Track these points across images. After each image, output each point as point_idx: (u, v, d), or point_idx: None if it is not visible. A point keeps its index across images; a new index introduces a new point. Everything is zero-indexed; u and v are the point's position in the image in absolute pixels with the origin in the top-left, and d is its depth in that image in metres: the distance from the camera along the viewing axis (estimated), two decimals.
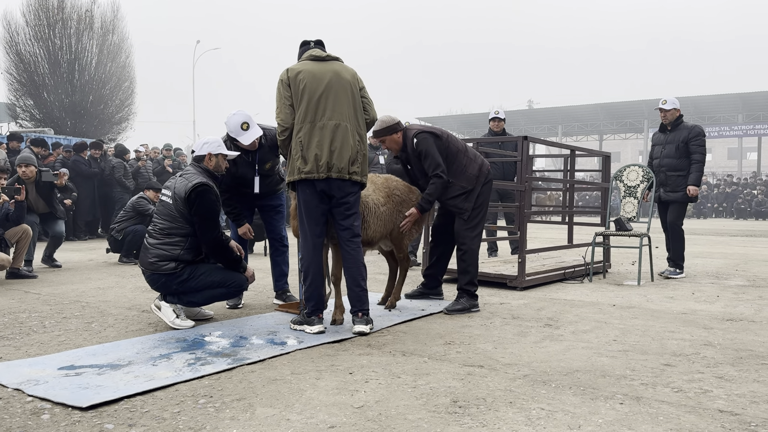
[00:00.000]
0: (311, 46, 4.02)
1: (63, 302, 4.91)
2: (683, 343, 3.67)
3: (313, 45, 4.03)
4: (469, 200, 4.59)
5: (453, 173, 4.57)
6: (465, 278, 4.62)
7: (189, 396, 2.66)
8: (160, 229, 4.01)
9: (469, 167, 4.62)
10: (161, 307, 4.03)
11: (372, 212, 4.29)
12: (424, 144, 4.51)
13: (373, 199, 4.33)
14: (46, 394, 2.64)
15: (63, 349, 3.45)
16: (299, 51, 4.04)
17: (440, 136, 4.62)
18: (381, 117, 4.54)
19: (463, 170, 4.60)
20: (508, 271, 6.03)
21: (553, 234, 13.60)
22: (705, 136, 6.59)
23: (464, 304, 4.56)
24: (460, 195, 4.57)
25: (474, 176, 4.60)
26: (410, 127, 4.70)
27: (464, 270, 4.63)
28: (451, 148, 4.61)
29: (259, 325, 4.08)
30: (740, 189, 28.76)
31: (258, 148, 4.56)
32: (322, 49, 4.01)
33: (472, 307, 4.59)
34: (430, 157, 4.49)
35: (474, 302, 4.62)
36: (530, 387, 2.81)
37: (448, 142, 4.63)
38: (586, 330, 4.00)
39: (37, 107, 26.09)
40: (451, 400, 2.62)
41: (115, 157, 12.14)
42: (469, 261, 4.62)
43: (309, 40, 4.04)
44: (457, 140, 4.73)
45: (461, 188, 4.57)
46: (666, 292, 5.64)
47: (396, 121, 4.58)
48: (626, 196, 6.61)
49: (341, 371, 3.03)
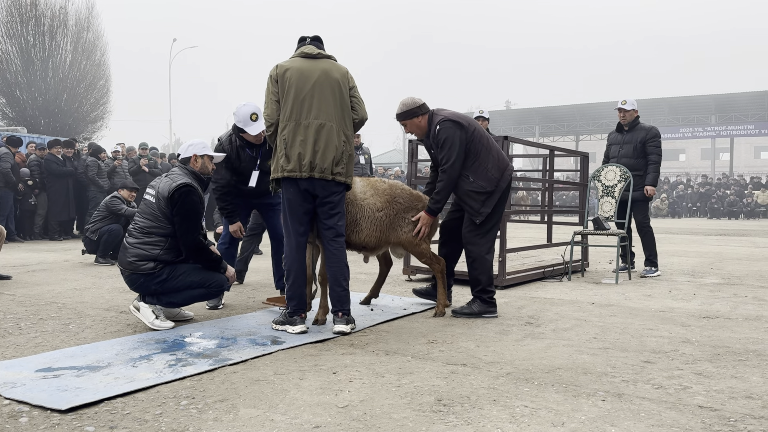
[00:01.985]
0: (307, 42, 3.97)
1: (39, 303, 4.82)
2: (662, 340, 3.73)
3: (309, 41, 3.97)
4: (487, 204, 4.29)
5: (474, 170, 4.29)
6: (477, 287, 4.36)
7: (171, 397, 2.63)
8: (140, 227, 3.96)
9: (492, 168, 4.31)
10: (140, 308, 3.98)
11: (367, 216, 4.22)
12: (446, 133, 4.22)
13: (370, 203, 4.26)
14: (23, 397, 2.58)
15: (40, 351, 3.38)
16: (296, 47, 4.00)
17: (466, 127, 4.30)
18: (403, 99, 4.37)
19: (485, 170, 4.29)
20: None
21: (531, 233, 13.71)
22: (661, 137, 6.79)
23: (474, 309, 4.34)
24: (477, 195, 4.29)
25: (495, 179, 4.31)
26: (438, 112, 4.37)
27: (475, 279, 4.36)
28: (475, 143, 4.30)
29: (240, 325, 4.04)
30: (713, 189, 29.28)
31: (263, 144, 4.56)
32: (316, 46, 3.94)
33: (484, 312, 4.34)
34: (447, 148, 4.21)
35: (488, 308, 4.36)
36: (513, 385, 2.82)
37: (474, 136, 4.31)
38: (566, 328, 4.04)
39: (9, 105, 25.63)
40: (435, 398, 2.63)
41: (89, 156, 11.95)
42: (480, 269, 4.34)
43: (306, 36, 4.00)
44: (484, 137, 4.39)
45: (480, 188, 4.28)
46: (643, 290, 5.71)
47: (419, 104, 4.33)
48: (604, 195, 6.68)
49: (325, 371, 3.02)
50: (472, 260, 4.39)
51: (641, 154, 6.72)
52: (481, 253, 4.34)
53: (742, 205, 27.12)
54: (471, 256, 4.39)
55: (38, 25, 25.58)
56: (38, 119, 25.30)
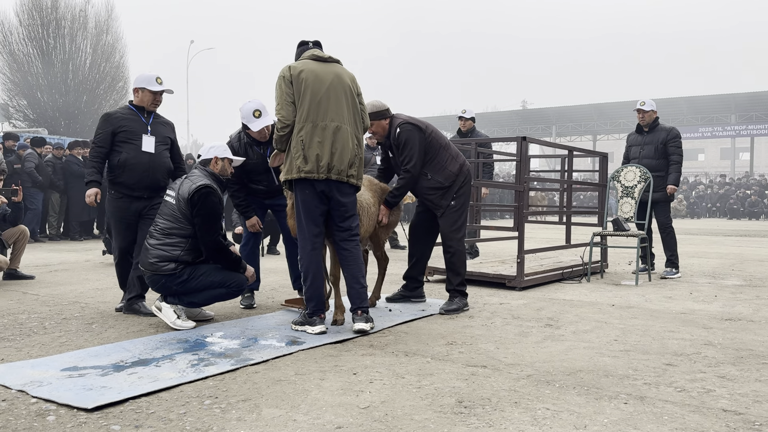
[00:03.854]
0: (310, 46, 4.03)
1: (62, 303, 4.89)
2: (684, 342, 3.69)
3: (312, 45, 4.04)
4: (446, 198, 4.58)
5: (432, 168, 4.57)
6: (457, 279, 4.64)
7: (194, 397, 2.66)
8: (161, 229, 4.01)
9: (450, 164, 4.61)
10: (162, 308, 4.03)
11: (365, 211, 4.34)
12: (406, 135, 4.49)
13: (366, 198, 4.39)
14: (50, 396, 2.62)
15: (65, 350, 3.43)
16: (297, 51, 4.05)
17: (424, 130, 4.59)
18: (372, 101, 4.54)
19: (443, 166, 4.59)
20: (507, 271, 6.05)
21: (548, 234, 13.64)
22: (681, 138, 6.75)
23: (458, 304, 4.61)
24: (437, 190, 4.57)
25: (453, 174, 4.59)
26: (397, 116, 4.65)
27: (456, 272, 4.65)
28: (433, 143, 4.60)
29: (260, 325, 4.07)
30: (733, 189, 28.91)
31: (270, 141, 4.58)
32: (321, 50, 4.02)
33: (464, 306, 4.65)
34: (408, 149, 4.49)
35: (465, 301, 4.68)
36: (534, 387, 2.82)
37: (432, 137, 4.60)
38: (586, 330, 4.02)
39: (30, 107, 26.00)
40: (456, 400, 2.63)
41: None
42: (458, 263, 4.64)
43: (307, 41, 4.05)
44: (440, 136, 4.70)
45: (439, 183, 4.56)
46: (664, 292, 5.67)
47: (386, 108, 4.57)
48: (623, 196, 6.64)
49: (345, 372, 3.03)
50: (451, 255, 4.65)
51: (662, 155, 6.68)
52: (459, 247, 4.64)
53: (763, 206, 26.74)
54: (450, 251, 4.65)
55: (58, 28, 25.94)
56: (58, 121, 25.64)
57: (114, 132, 4.41)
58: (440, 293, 5.35)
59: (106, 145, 4.40)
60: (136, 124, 4.49)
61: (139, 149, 4.44)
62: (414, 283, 5.00)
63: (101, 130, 4.43)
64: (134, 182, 4.44)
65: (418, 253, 4.98)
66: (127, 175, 4.42)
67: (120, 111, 4.54)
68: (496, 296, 5.33)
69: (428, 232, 4.92)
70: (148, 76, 4.56)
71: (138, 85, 4.53)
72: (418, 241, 4.98)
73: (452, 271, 4.66)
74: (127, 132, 4.43)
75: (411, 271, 5.00)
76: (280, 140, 3.87)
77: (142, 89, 4.51)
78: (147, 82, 4.51)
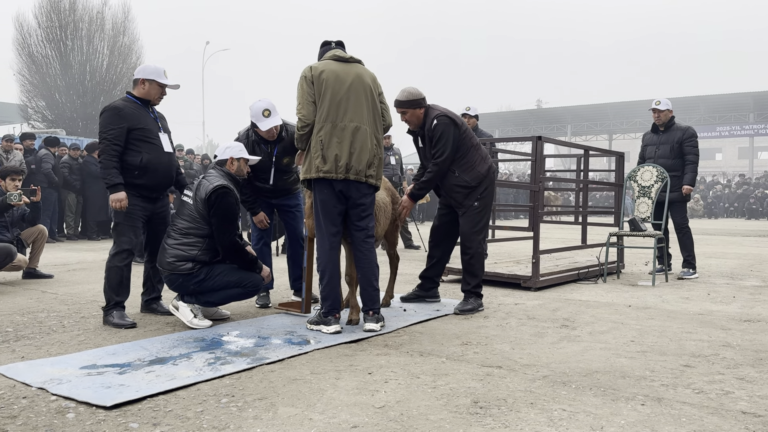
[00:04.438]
0: (332, 46, 4.05)
1: (80, 302, 4.94)
2: (701, 344, 3.66)
3: (335, 45, 4.06)
4: (470, 198, 4.56)
5: (461, 167, 4.55)
6: (474, 281, 4.62)
7: (211, 395, 2.68)
8: (179, 228, 4.05)
9: (479, 165, 4.59)
10: (179, 307, 4.06)
11: (382, 209, 4.38)
12: (442, 128, 4.45)
13: (381, 197, 4.42)
14: (69, 393, 2.66)
15: (83, 348, 3.48)
16: (320, 51, 4.07)
17: (460, 126, 4.56)
18: (407, 88, 4.49)
19: (472, 166, 4.57)
20: (522, 272, 6.02)
21: (564, 234, 13.56)
22: (697, 137, 6.67)
23: (473, 305, 4.59)
24: (463, 189, 4.55)
25: (481, 175, 4.57)
26: (434, 106, 4.59)
27: (473, 274, 4.62)
28: (465, 141, 4.57)
29: (275, 324, 4.09)
30: (752, 189, 28.54)
31: (278, 140, 4.60)
32: (343, 50, 4.03)
33: (479, 306, 4.63)
34: (442, 142, 4.45)
35: (480, 302, 4.66)
36: (550, 388, 2.80)
37: (465, 135, 4.58)
38: (603, 331, 3.99)
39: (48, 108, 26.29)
40: (471, 400, 2.63)
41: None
42: (477, 265, 4.62)
43: (330, 41, 4.07)
44: (472, 135, 4.68)
45: (465, 182, 4.54)
46: (681, 292, 5.61)
47: (422, 96, 4.50)
48: (640, 196, 6.59)
49: (360, 371, 3.04)
50: (470, 257, 4.62)
51: (678, 155, 6.63)
52: (479, 249, 4.63)
53: None
54: (469, 253, 4.62)
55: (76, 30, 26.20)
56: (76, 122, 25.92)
57: (130, 129, 4.14)
58: (455, 293, 5.34)
59: (122, 142, 4.11)
60: (149, 120, 4.27)
61: (160, 149, 4.26)
62: (430, 283, 4.99)
63: (114, 126, 4.10)
64: (155, 184, 4.28)
65: (439, 255, 4.97)
66: (149, 177, 4.22)
67: (128, 105, 4.22)
68: (511, 297, 5.31)
69: (450, 234, 4.90)
70: (157, 68, 4.32)
71: (146, 77, 4.28)
72: (440, 242, 4.95)
73: (470, 273, 4.64)
74: (145, 130, 4.20)
75: (428, 272, 4.99)
76: (300, 139, 3.91)
77: (150, 81, 4.27)
78: (156, 74, 4.29)
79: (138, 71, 4.36)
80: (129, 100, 4.27)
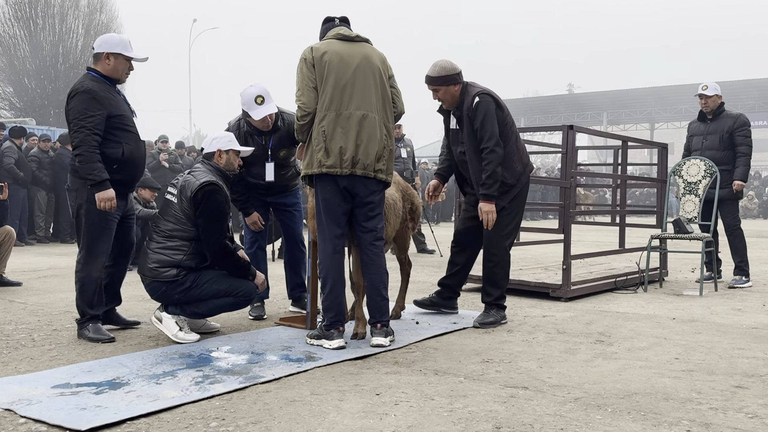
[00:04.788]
0: (336, 23, 4.02)
1: (52, 313, 4.98)
2: (756, 362, 3.64)
3: (339, 22, 4.02)
4: (503, 198, 4.49)
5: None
6: (496, 292, 4.59)
7: (198, 418, 2.70)
8: (162, 231, 4.06)
9: (517, 161, 4.52)
10: (162, 318, 4.08)
11: (391, 208, 4.37)
12: (486, 107, 4.33)
13: (391, 194, 4.40)
14: (40, 416, 2.68)
15: (56, 365, 3.51)
16: (322, 28, 4.05)
17: (503, 108, 4.47)
18: (440, 62, 4.42)
19: (511, 161, 4.49)
20: (551, 279, 6.02)
21: (599, 237, 13.53)
22: (750, 126, 6.61)
23: (495, 317, 4.56)
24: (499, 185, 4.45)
25: (518, 174, 4.53)
26: (472, 84, 4.51)
27: (496, 284, 4.59)
28: (507, 128, 4.47)
29: (271, 338, 4.11)
30: None
31: (273, 131, 4.59)
32: (348, 28, 4.01)
33: (502, 319, 4.61)
34: (489, 125, 4.31)
35: (503, 314, 4.64)
36: (583, 412, 2.80)
37: (507, 120, 4.48)
38: (643, 347, 3.98)
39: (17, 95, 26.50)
40: (493, 426, 2.63)
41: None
42: (501, 274, 4.60)
43: (333, 17, 4.05)
44: (514, 124, 4.58)
45: (502, 179, 4.44)
46: (732, 303, 5.59)
47: (458, 71, 4.40)
48: (686, 193, 6.56)
49: (367, 392, 3.05)
50: (494, 264, 4.59)
51: (728, 146, 6.58)
52: (505, 257, 4.60)
53: None
54: (493, 260, 4.58)
55: (48, 7, 26.40)
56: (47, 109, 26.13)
57: (109, 116, 4.02)
58: (474, 304, 5.35)
59: (101, 131, 3.98)
60: (123, 104, 4.18)
61: (137, 138, 4.18)
62: (449, 292, 4.98)
63: (93, 113, 3.96)
64: (132, 178, 4.25)
65: (463, 261, 4.91)
66: (128, 171, 4.15)
67: (98, 86, 4.06)
68: (538, 307, 5.31)
69: (475, 239, 4.82)
70: (122, 39, 4.15)
71: (111, 50, 4.09)
72: (464, 249, 4.90)
73: (492, 283, 4.59)
74: (123, 117, 4.11)
75: (449, 279, 4.97)
76: (300, 130, 3.89)
77: (116, 55, 4.10)
78: (123, 46, 4.11)
79: (99, 44, 4.18)
80: (98, 80, 4.13)
